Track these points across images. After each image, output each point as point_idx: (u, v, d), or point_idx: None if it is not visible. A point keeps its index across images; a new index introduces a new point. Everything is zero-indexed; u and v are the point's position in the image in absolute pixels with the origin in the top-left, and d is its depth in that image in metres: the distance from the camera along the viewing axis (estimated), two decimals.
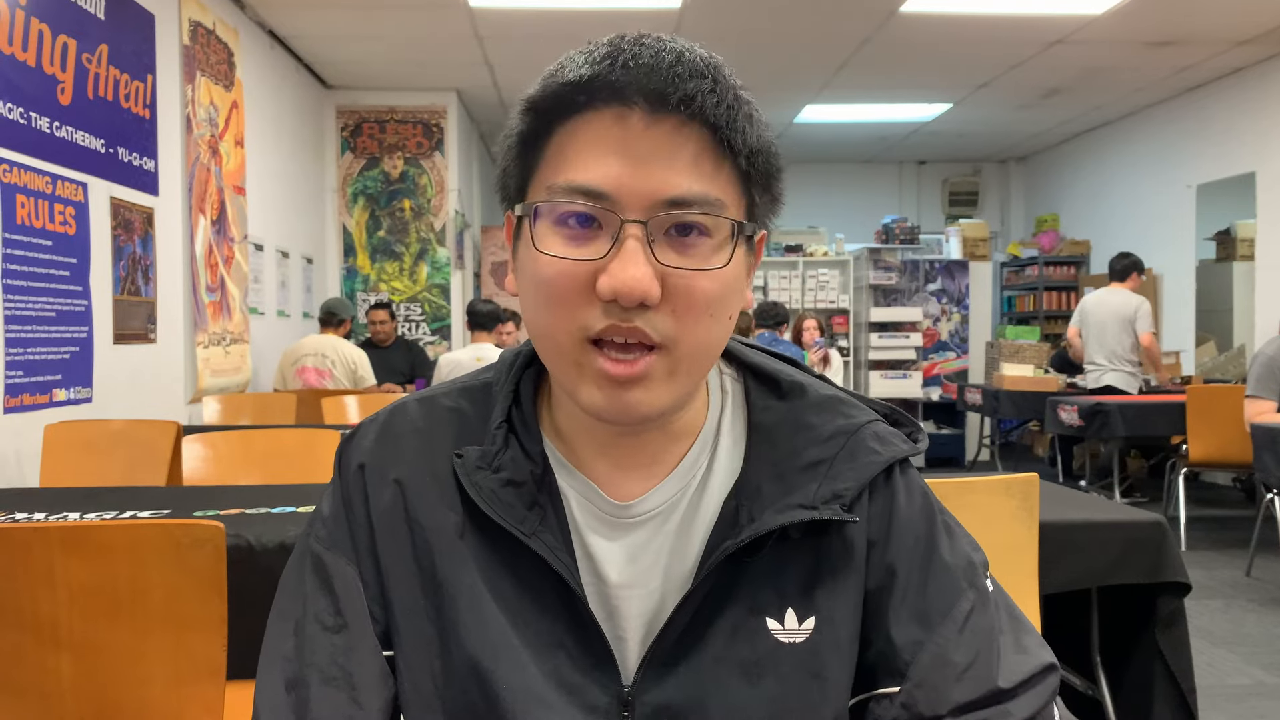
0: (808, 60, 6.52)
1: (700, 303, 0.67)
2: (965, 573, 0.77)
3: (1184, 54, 6.41)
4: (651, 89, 0.64)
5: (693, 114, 0.65)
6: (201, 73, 4.75)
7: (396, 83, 6.98)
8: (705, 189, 0.66)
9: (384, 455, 0.77)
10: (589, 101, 0.66)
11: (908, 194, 10.39)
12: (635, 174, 0.65)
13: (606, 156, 0.65)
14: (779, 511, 0.72)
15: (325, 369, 5.10)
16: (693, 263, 0.66)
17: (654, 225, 0.65)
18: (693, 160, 0.65)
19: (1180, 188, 7.57)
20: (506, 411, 0.76)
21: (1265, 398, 4.24)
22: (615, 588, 0.73)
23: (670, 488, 0.75)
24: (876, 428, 0.78)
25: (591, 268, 0.65)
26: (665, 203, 0.65)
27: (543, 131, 0.68)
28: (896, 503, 0.77)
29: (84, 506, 2.04)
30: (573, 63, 0.67)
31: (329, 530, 0.77)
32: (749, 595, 0.72)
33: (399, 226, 7.23)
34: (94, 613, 1.40)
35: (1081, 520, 2.00)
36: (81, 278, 3.60)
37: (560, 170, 0.66)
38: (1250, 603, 4.07)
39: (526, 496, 0.73)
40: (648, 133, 0.65)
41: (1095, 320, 6.02)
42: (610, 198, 0.65)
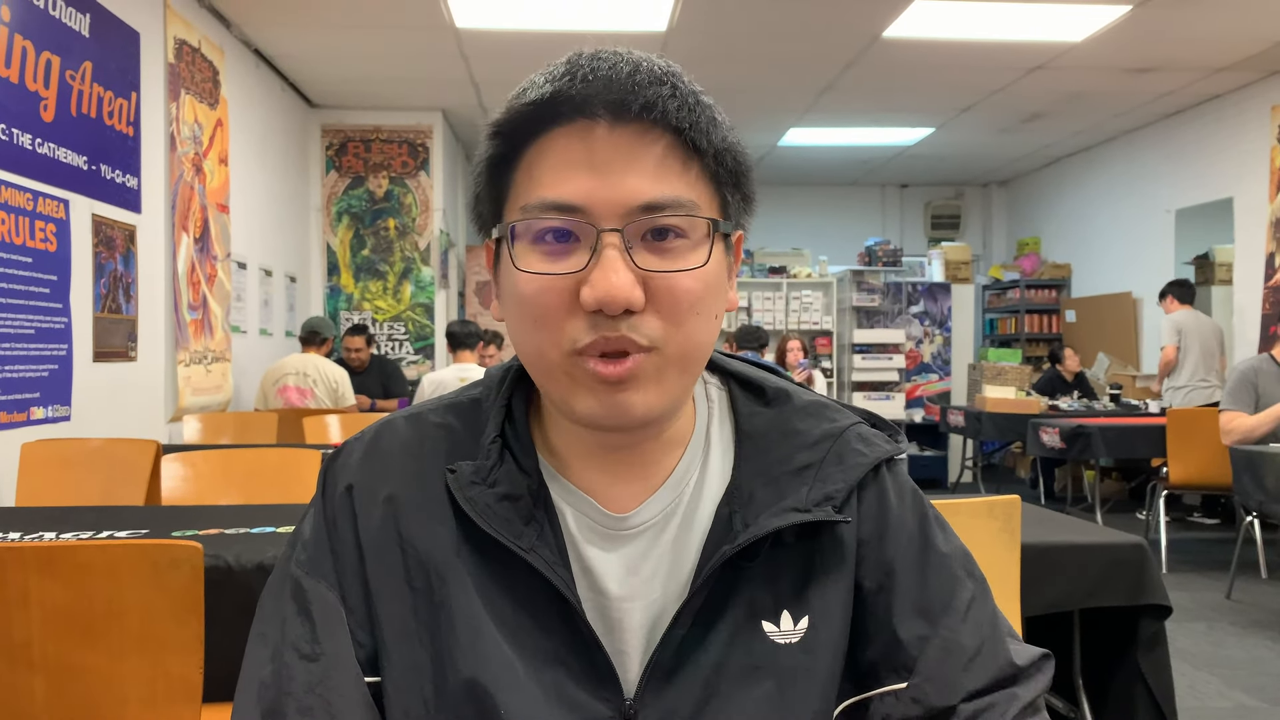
0: (792, 84, 6.57)
1: (684, 302, 0.67)
2: (962, 562, 0.78)
3: (1163, 80, 6.50)
4: (612, 99, 0.65)
5: (655, 119, 0.66)
6: (186, 90, 4.74)
7: (382, 102, 6.99)
8: (676, 191, 0.66)
9: (372, 474, 0.76)
10: (553, 118, 0.67)
11: (890, 217, 10.47)
12: (605, 184, 0.65)
13: (575, 170, 0.66)
14: (773, 515, 0.72)
15: (307, 388, 5.08)
16: (672, 264, 0.67)
17: (630, 232, 0.66)
18: (660, 164, 0.66)
19: (1160, 212, 7.65)
20: (499, 427, 0.76)
21: (1237, 410, 4.28)
22: (615, 600, 0.73)
23: (665, 497, 0.75)
24: (860, 430, 0.79)
25: (573, 281, 0.66)
26: (638, 209, 0.66)
27: (511, 154, 0.69)
28: (887, 501, 0.78)
29: (60, 526, 2.01)
30: (534, 84, 0.68)
31: (309, 554, 0.75)
32: (746, 600, 0.73)
33: (383, 245, 7.22)
34: (68, 634, 1.38)
35: (1063, 542, 2.00)
36: (62, 295, 3.57)
37: (532, 189, 0.67)
38: (1232, 625, 4.08)
39: (523, 511, 0.72)
40: (613, 142, 0.66)
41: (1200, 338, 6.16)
42: (584, 210, 0.66)
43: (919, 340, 8.49)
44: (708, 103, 0.69)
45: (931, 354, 8.54)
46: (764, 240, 9.03)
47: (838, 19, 5.31)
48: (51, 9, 3.53)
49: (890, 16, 5.23)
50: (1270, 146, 6.35)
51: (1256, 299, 6.48)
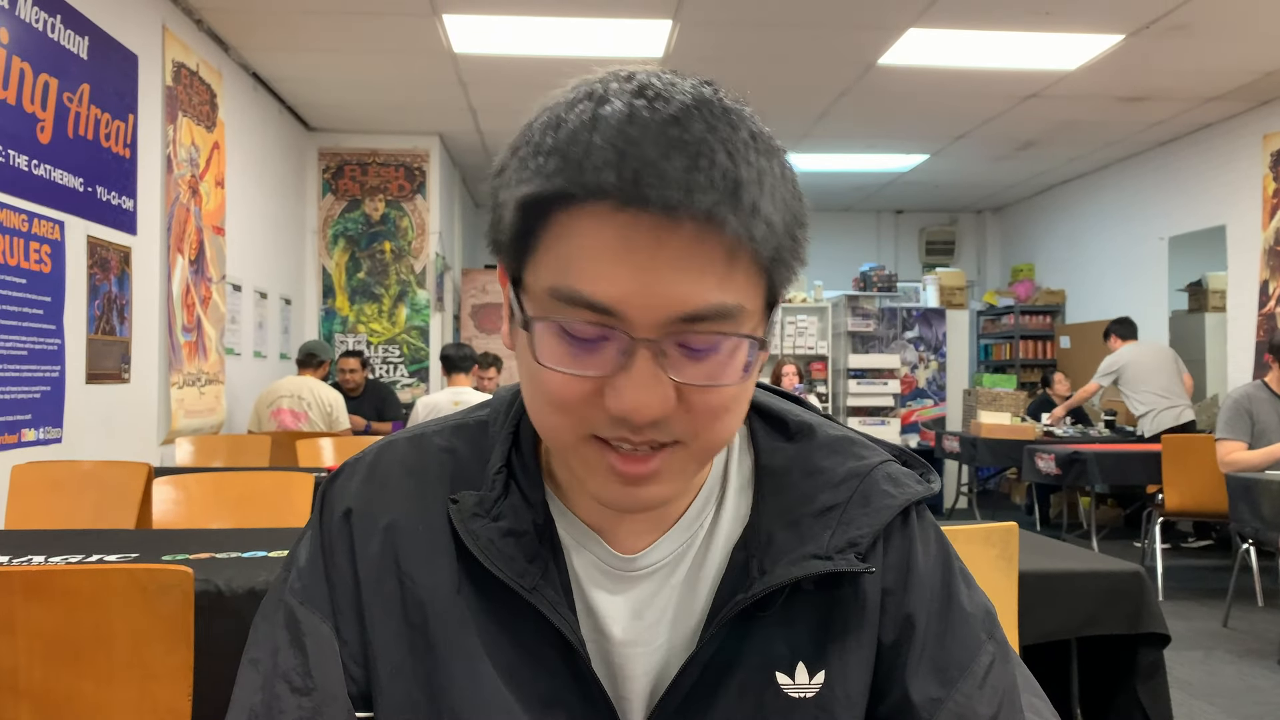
0: (787, 110, 6.61)
1: (718, 409, 0.62)
2: (984, 623, 0.73)
3: (1155, 109, 6.55)
4: (669, 200, 0.55)
5: (714, 222, 0.57)
6: (184, 113, 4.76)
7: (379, 126, 7.02)
8: (721, 298, 0.58)
9: (372, 499, 0.72)
10: (590, 199, 0.57)
11: (885, 242, 10.51)
12: (646, 289, 0.57)
13: (614, 266, 0.57)
14: (792, 563, 0.68)
15: (301, 411, 5.06)
16: (709, 377, 0.60)
17: (665, 342, 0.59)
18: (708, 268, 0.58)
19: (1153, 240, 7.69)
20: (506, 455, 0.72)
21: (1234, 439, 4.29)
22: (619, 645, 0.69)
23: (676, 539, 0.71)
24: (889, 469, 0.74)
25: (598, 382, 0.60)
26: (678, 319, 0.58)
27: (536, 221, 0.60)
28: (914, 550, 0.73)
29: (49, 550, 1.99)
30: (565, 149, 0.58)
31: (304, 583, 0.72)
32: (759, 651, 0.69)
33: (379, 268, 7.22)
34: (56, 660, 1.36)
35: (1061, 570, 1.99)
36: (55, 316, 3.56)
37: (564, 271, 0.59)
38: (1228, 654, 4.06)
39: (527, 548, 0.68)
40: (661, 241, 0.57)
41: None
42: (618, 314, 0.58)
43: (914, 365, 8.50)
44: (772, 159, 0.60)
45: (927, 379, 8.54)
46: None
47: (833, 47, 5.35)
48: (50, 32, 3.54)
49: (885, 45, 5.28)
50: (1262, 175, 6.40)
51: (1250, 326, 6.50)
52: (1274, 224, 6.29)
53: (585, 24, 4.99)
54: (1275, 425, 4.26)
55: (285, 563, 0.75)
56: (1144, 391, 6.35)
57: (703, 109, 0.58)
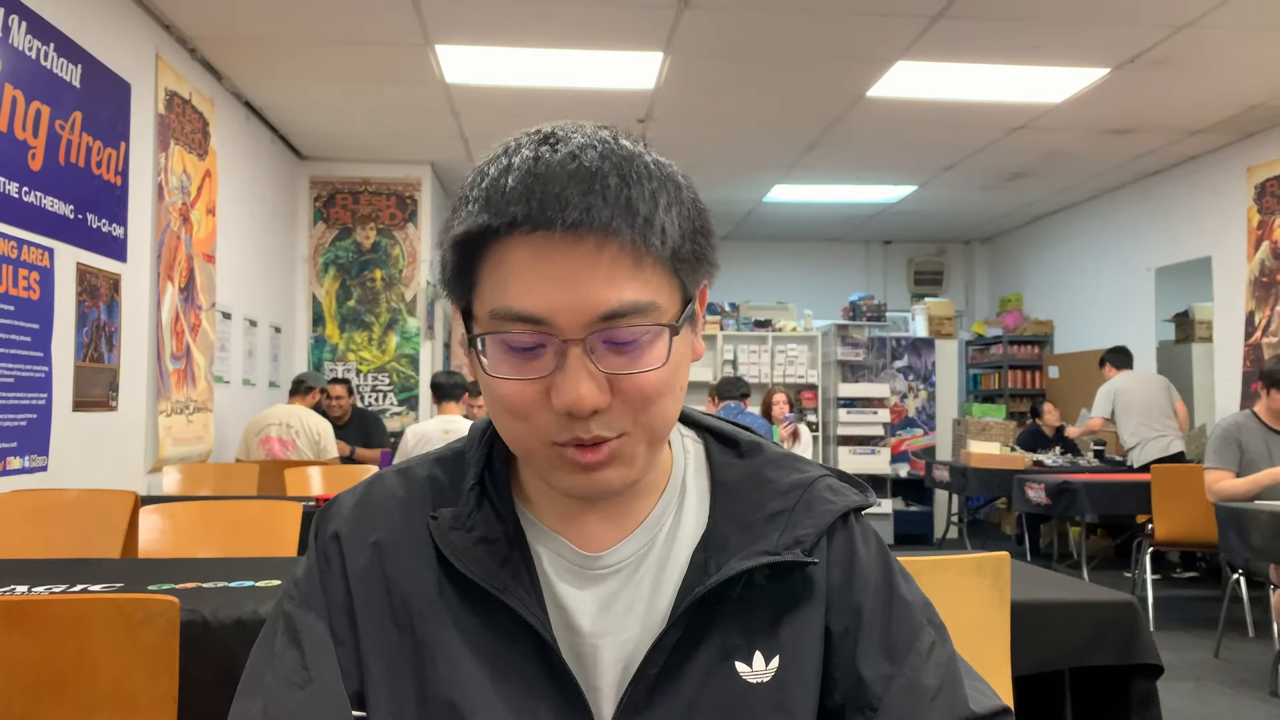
0: (777, 142, 6.66)
1: (651, 393, 0.71)
2: (923, 610, 0.82)
3: (1140, 141, 6.62)
4: (567, 220, 0.67)
5: (610, 232, 0.67)
6: (176, 141, 4.76)
7: (371, 155, 7.04)
8: (634, 294, 0.69)
9: (361, 521, 0.80)
10: (510, 230, 0.68)
11: (874, 272, 10.56)
12: (566, 296, 0.68)
13: (537, 282, 0.68)
14: (745, 558, 0.76)
15: (289, 439, 5.03)
16: (634, 365, 0.70)
17: (592, 340, 0.69)
18: (611, 268, 0.68)
19: (1140, 270, 7.75)
20: (479, 475, 0.80)
21: (1222, 468, 4.30)
22: (588, 637, 0.76)
23: (638, 540, 0.79)
24: (829, 481, 0.83)
25: (542, 384, 0.70)
26: (599, 318, 0.68)
27: (474, 257, 0.71)
28: (855, 548, 0.82)
29: (32, 579, 1.97)
30: (492, 192, 0.69)
31: (301, 590, 0.79)
32: (719, 639, 0.76)
33: (369, 296, 7.22)
34: (38, 692, 1.34)
35: (1053, 600, 1.98)
36: (43, 343, 3.54)
37: (499, 294, 0.70)
38: (1220, 685, 4.05)
39: (499, 553, 0.76)
40: (572, 254, 0.67)
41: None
42: (547, 321, 0.68)
43: (903, 395, 8.51)
44: (667, 185, 0.71)
45: (916, 409, 8.55)
46: (749, 294, 9.08)
47: (822, 79, 5.40)
48: (43, 60, 3.55)
49: (874, 77, 5.33)
50: (1246, 207, 6.46)
51: (1237, 356, 6.54)
52: (1259, 255, 6.35)
53: (577, 55, 5.03)
54: (1264, 454, 4.27)
55: (284, 585, 0.82)
56: (1133, 421, 6.38)
57: (598, 145, 0.70)
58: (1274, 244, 6.23)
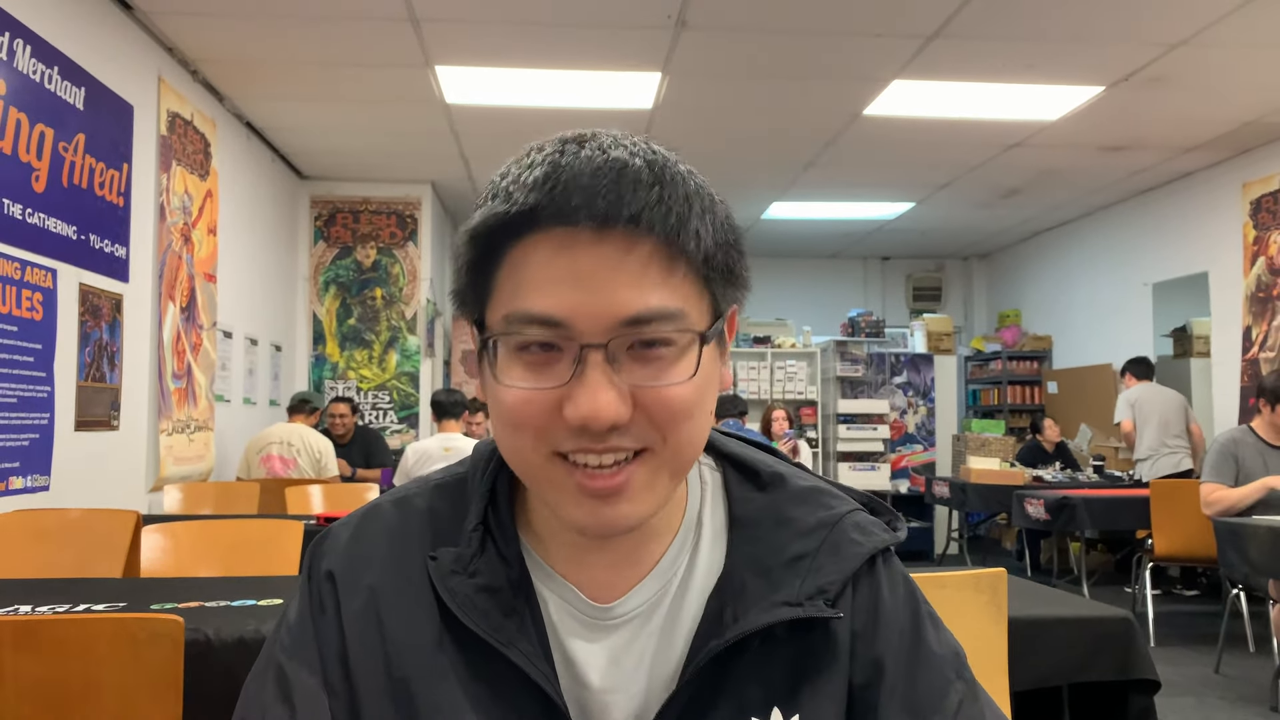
0: (775, 160, 6.70)
1: (677, 409, 0.65)
2: (953, 663, 0.75)
3: (1136, 158, 6.66)
4: (596, 211, 0.62)
5: (641, 228, 0.62)
6: (178, 162, 4.80)
7: (371, 174, 7.08)
8: (662, 301, 0.63)
9: (356, 560, 0.75)
10: (533, 225, 0.63)
11: (873, 288, 10.59)
12: (588, 297, 0.62)
13: (558, 282, 0.63)
14: (764, 610, 0.70)
15: (290, 458, 5.04)
16: (660, 377, 0.64)
17: (614, 346, 0.63)
18: (644, 273, 0.63)
19: (1137, 286, 7.77)
20: (482, 513, 0.74)
21: (1218, 482, 4.31)
22: (598, 693, 0.71)
23: (651, 587, 0.73)
24: (857, 518, 0.77)
25: (556, 394, 0.64)
26: (622, 323, 0.63)
27: (491, 256, 0.66)
28: (880, 594, 0.75)
29: (35, 599, 1.98)
30: (513, 186, 0.64)
31: (293, 638, 0.74)
32: (735, 695, 0.70)
33: (370, 315, 7.24)
34: (43, 711, 1.35)
35: (1051, 616, 1.99)
36: (46, 364, 3.56)
37: (515, 297, 0.64)
38: (1221, 700, 4.04)
39: (503, 603, 0.71)
40: (596, 251, 0.62)
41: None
42: (566, 324, 0.63)
43: (903, 411, 8.52)
44: (700, 192, 0.66)
45: (916, 424, 8.56)
46: (748, 310, 9.03)
47: (819, 98, 5.44)
48: (47, 83, 3.58)
49: (871, 96, 5.37)
50: (1242, 222, 6.49)
51: (1235, 371, 6.55)
52: (1255, 271, 6.37)
53: (576, 76, 5.07)
54: (1260, 469, 4.28)
55: (277, 622, 0.77)
56: (1147, 434, 6.37)
57: (629, 144, 0.65)
58: (1269, 259, 6.25)
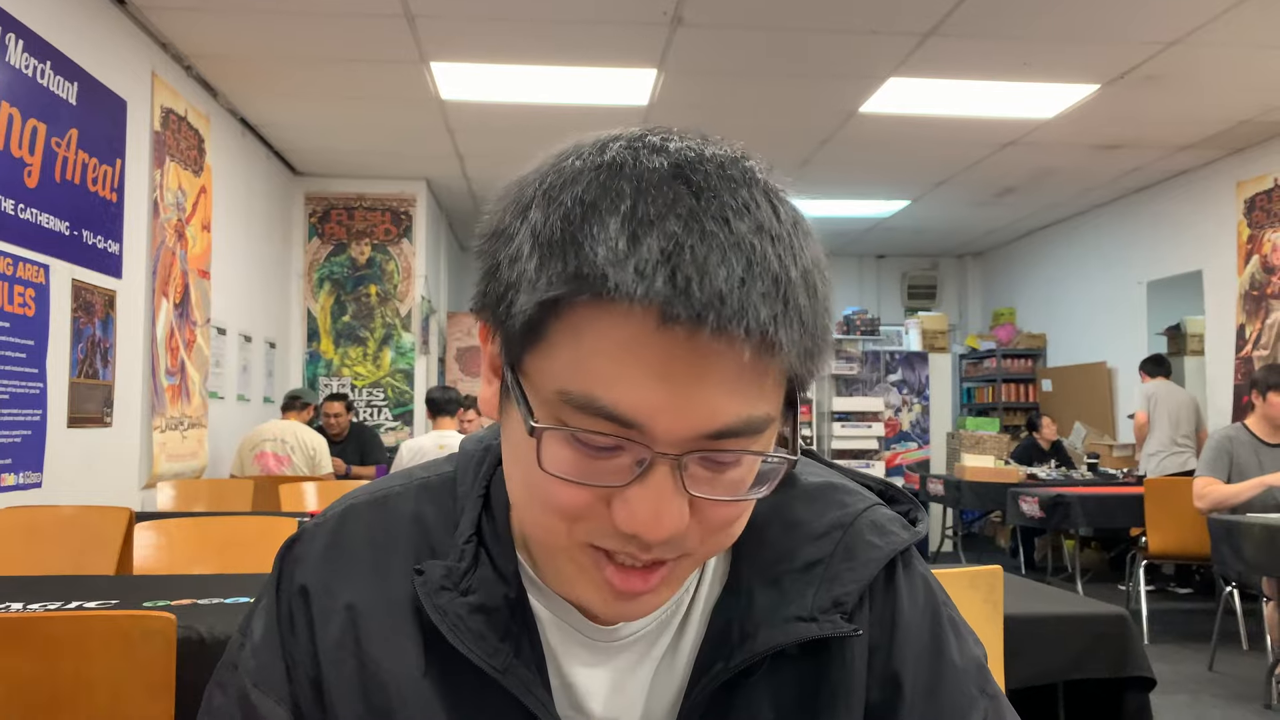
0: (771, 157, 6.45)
1: (732, 519, 0.58)
2: (976, 678, 0.69)
3: (1131, 157, 6.67)
4: (714, 317, 0.50)
5: (765, 344, 0.52)
6: (171, 158, 4.78)
7: (366, 171, 7.07)
8: (750, 409, 0.54)
9: (332, 574, 0.67)
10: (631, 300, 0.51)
11: (868, 286, 10.60)
12: (675, 403, 0.52)
13: (645, 378, 0.52)
14: (774, 627, 0.64)
15: (285, 455, 5.03)
16: (729, 491, 0.57)
17: (688, 457, 0.54)
18: (739, 375, 0.53)
19: (1131, 284, 7.79)
20: (476, 522, 0.67)
21: (1212, 478, 4.33)
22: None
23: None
24: (874, 515, 0.70)
25: (607, 491, 0.55)
26: (706, 435, 0.54)
27: (552, 312, 0.53)
28: (899, 604, 0.69)
29: (27, 596, 1.97)
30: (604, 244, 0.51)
31: (259, 662, 0.67)
32: (745, 718, 0.65)
33: (364, 312, 7.23)
34: (34, 708, 1.35)
35: (1046, 614, 1.99)
36: (38, 360, 3.54)
37: (579, 373, 0.53)
38: (1215, 698, 4.05)
39: (499, 624, 0.63)
40: (692, 344, 0.51)
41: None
42: (643, 428, 0.53)
43: (898, 408, 8.53)
44: (808, 258, 0.55)
45: (910, 422, 8.57)
46: None
47: (815, 96, 5.44)
48: (40, 78, 3.57)
49: (866, 93, 5.37)
50: (1236, 221, 6.51)
51: (1228, 370, 6.57)
52: (1249, 269, 6.39)
53: (572, 73, 5.06)
54: (1254, 466, 4.29)
55: (241, 627, 0.71)
56: (1159, 431, 6.37)
57: (738, 186, 0.55)
58: (1264, 258, 6.27)
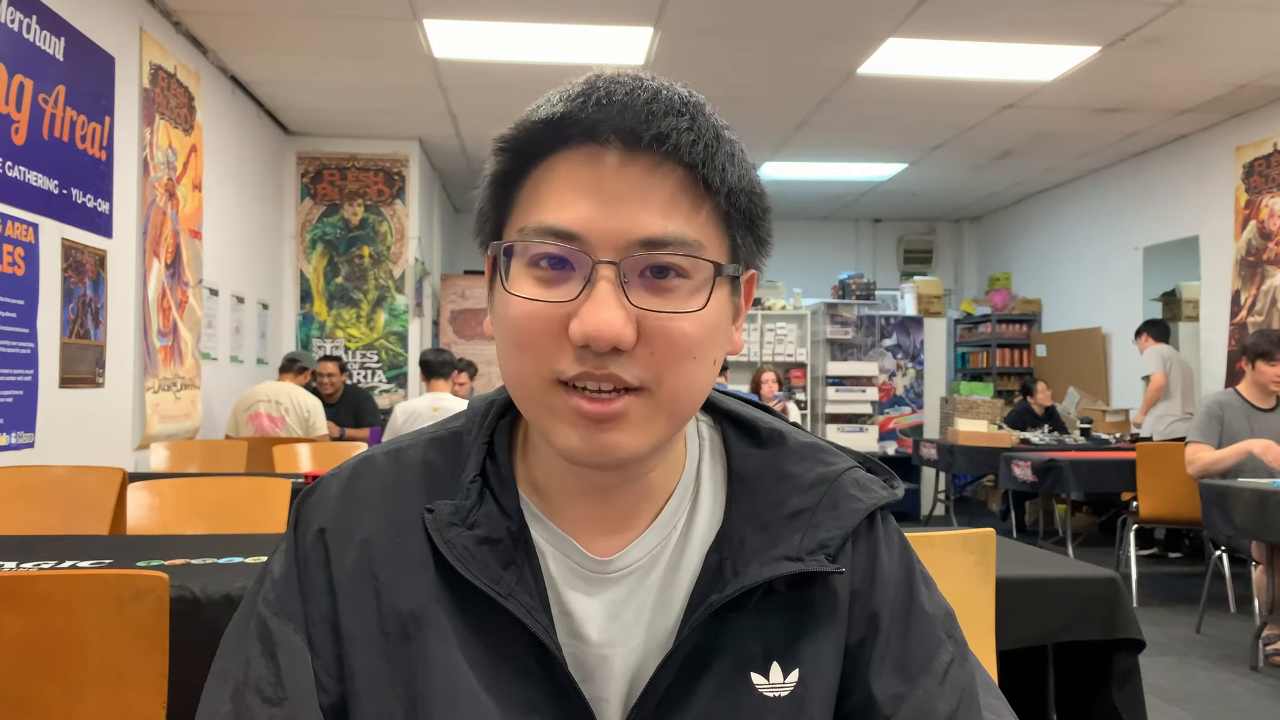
0: (767, 119, 6.64)
1: (680, 346, 0.64)
2: (944, 623, 0.76)
3: (1130, 120, 6.62)
4: (625, 127, 0.63)
5: (668, 152, 0.63)
6: (161, 116, 4.72)
7: (359, 130, 6.99)
8: (681, 229, 0.64)
9: (348, 515, 0.73)
10: (562, 140, 0.65)
11: (864, 251, 10.57)
12: (607, 214, 0.63)
13: (578, 197, 0.63)
14: (764, 564, 0.70)
15: (279, 416, 5.02)
16: (669, 305, 0.64)
17: (627, 266, 0.63)
18: (668, 199, 0.64)
19: (1128, 249, 7.77)
20: (480, 465, 0.73)
21: (1203, 443, 4.33)
22: (595, 646, 0.70)
23: (650, 541, 0.73)
24: (856, 474, 0.77)
25: (563, 310, 0.63)
26: (638, 243, 0.63)
27: (517, 171, 0.67)
28: (879, 552, 0.76)
29: (20, 556, 1.97)
30: (548, 101, 0.66)
31: (278, 594, 0.72)
32: (733, 650, 0.70)
33: (357, 273, 7.19)
34: (27, 667, 1.34)
35: (1037, 576, 2.00)
36: (29, 319, 3.52)
37: (533, 211, 0.65)
38: (1202, 660, 4.10)
39: (502, 554, 0.70)
40: (621, 171, 0.63)
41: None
42: (581, 238, 0.63)
43: (892, 373, 8.54)
44: (729, 137, 0.67)
45: (904, 387, 8.59)
46: None
47: (812, 56, 5.38)
48: (25, 32, 3.51)
49: (864, 54, 5.31)
50: (1234, 186, 6.48)
51: (1223, 335, 6.57)
52: (1246, 234, 6.37)
53: (567, 30, 4.99)
54: (1246, 431, 4.31)
55: (259, 574, 0.75)
56: (1174, 395, 6.36)
57: (670, 83, 0.67)
58: (1261, 224, 6.25)
